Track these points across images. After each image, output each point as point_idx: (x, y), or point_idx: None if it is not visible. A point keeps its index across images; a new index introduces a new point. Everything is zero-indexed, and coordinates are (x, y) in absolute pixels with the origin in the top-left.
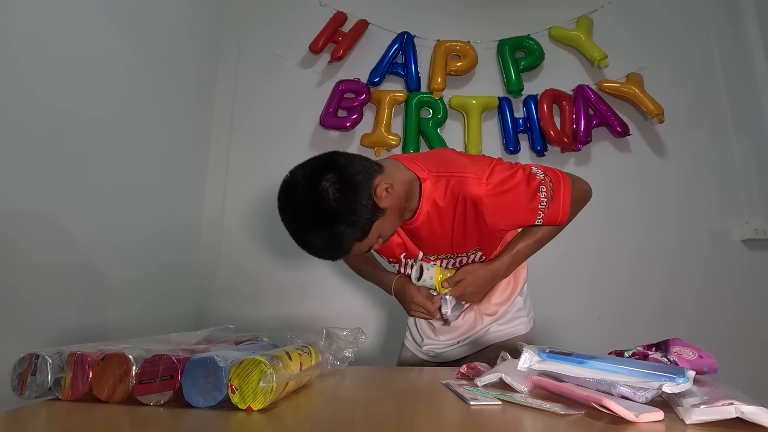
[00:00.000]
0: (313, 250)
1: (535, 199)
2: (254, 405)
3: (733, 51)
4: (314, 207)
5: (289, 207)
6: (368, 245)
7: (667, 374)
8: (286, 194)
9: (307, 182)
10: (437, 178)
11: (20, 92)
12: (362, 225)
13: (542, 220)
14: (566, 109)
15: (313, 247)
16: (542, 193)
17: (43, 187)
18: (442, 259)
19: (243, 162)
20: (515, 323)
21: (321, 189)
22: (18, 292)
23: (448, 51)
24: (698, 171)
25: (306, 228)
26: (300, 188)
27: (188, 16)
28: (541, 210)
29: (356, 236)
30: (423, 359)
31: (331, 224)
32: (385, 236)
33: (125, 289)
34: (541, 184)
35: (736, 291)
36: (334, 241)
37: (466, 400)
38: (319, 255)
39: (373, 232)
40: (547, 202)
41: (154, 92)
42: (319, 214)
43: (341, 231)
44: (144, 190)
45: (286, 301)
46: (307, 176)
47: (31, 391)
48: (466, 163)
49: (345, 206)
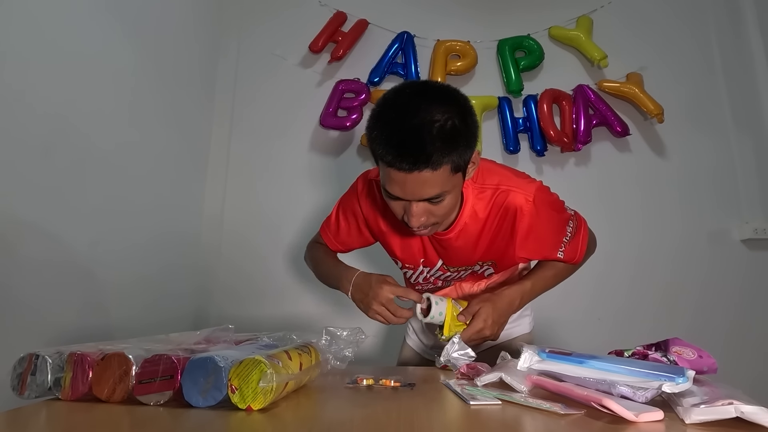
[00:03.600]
0: (420, 133)
1: (562, 232)
2: (254, 405)
3: (733, 50)
4: (448, 101)
5: (412, 96)
6: (440, 190)
7: (667, 374)
8: (409, 92)
9: (442, 93)
10: (481, 189)
11: (19, 93)
12: (467, 155)
13: (563, 254)
14: (566, 108)
15: (425, 129)
16: (569, 227)
17: (43, 188)
18: (460, 271)
19: (243, 163)
20: (520, 321)
21: (452, 109)
22: (18, 292)
23: (448, 51)
24: (698, 171)
25: (437, 100)
26: (434, 92)
27: (188, 16)
28: (563, 244)
29: (460, 155)
30: (425, 359)
31: (464, 115)
32: (438, 211)
33: (125, 290)
34: (570, 219)
35: (736, 291)
36: (452, 133)
37: (466, 400)
38: (419, 144)
39: (454, 180)
40: (569, 238)
41: (154, 93)
42: (455, 101)
43: (461, 131)
44: (144, 192)
45: (285, 301)
46: (444, 89)
47: (31, 391)
48: (511, 176)
49: (468, 133)
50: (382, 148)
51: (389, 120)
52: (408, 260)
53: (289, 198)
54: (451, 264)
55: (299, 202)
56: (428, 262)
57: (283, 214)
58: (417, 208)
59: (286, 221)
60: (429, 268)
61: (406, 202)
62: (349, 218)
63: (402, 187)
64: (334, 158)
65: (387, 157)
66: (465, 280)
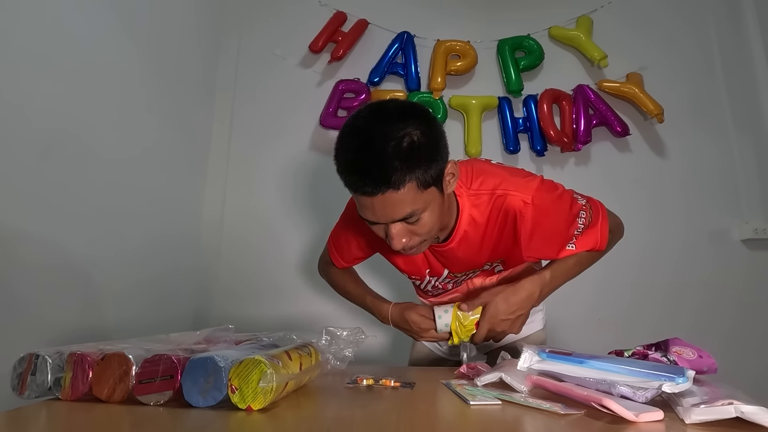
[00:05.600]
0: (377, 155)
1: (573, 225)
2: (254, 405)
3: (733, 50)
4: (403, 120)
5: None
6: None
7: (667, 374)
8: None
9: (398, 113)
10: (477, 194)
11: (19, 94)
12: (435, 169)
13: (575, 246)
14: (566, 108)
15: (381, 150)
16: (581, 219)
17: (43, 189)
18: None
19: (243, 163)
20: (533, 318)
21: (409, 126)
22: (18, 292)
23: (448, 51)
24: (698, 171)
25: (393, 119)
26: (389, 113)
27: (188, 16)
28: (575, 236)
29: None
30: (440, 356)
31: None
32: (419, 230)
33: (125, 291)
34: (582, 210)
35: (736, 291)
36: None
37: (466, 400)
38: (378, 166)
39: (426, 196)
40: (583, 229)
41: (154, 93)
42: (408, 122)
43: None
44: (144, 192)
45: (285, 301)
46: (400, 108)
47: (31, 391)
48: (508, 177)
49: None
50: (345, 176)
51: (347, 146)
52: (414, 273)
53: (289, 198)
54: (457, 271)
55: (299, 202)
56: (434, 272)
57: (284, 215)
58: (394, 229)
59: (287, 221)
60: (437, 278)
61: (384, 225)
62: (350, 237)
63: (372, 211)
64: None
65: (350, 184)
66: (476, 276)
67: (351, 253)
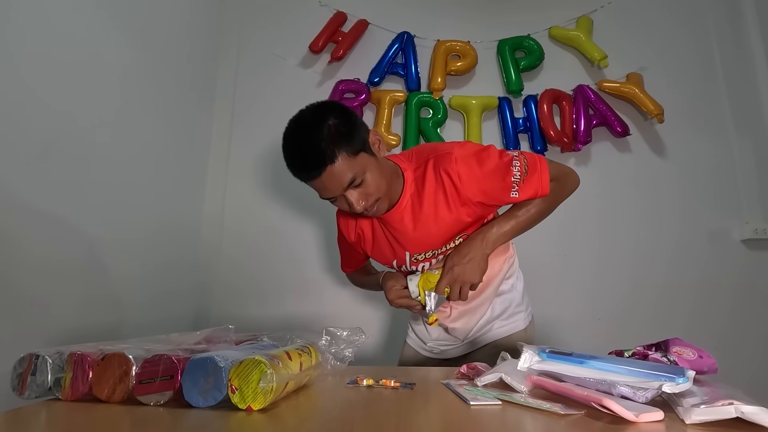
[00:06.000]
0: (307, 145)
1: (508, 173)
2: (254, 405)
3: (733, 51)
4: (318, 115)
5: (292, 126)
6: (351, 174)
7: (667, 374)
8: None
9: (313, 112)
10: (417, 165)
11: (20, 91)
12: (357, 139)
13: (518, 194)
14: (566, 109)
15: (309, 141)
16: (515, 168)
17: (42, 187)
18: (429, 259)
19: (243, 161)
20: (515, 318)
21: (324, 116)
22: (18, 291)
23: (448, 51)
24: (698, 171)
25: (307, 118)
26: (306, 115)
27: (188, 16)
28: (515, 183)
29: (348, 142)
30: (426, 357)
31: (334, 113)
32: (369, 190)
33: (125, 288)
34: (515, 160)
35: (736, 291)
36: (330, 131)
37: (466, 400)
38: (311, 152)
39: (360, 161)
40: (521, 177)
41: (154, 92)
42: (322, 114)
43: (337, 126)
44: (144, 190)
45: (286, 300)
46: (313, 108)
47: (31, 391)
48: (438, 146)
49: (347, 124)
50: (296, 174)
51: (288, 153)
52: (383, 260)
53: (289, 198)
54: (418, 250)
55: (299, 202)
56: (400, 260)
57: (284, 215)
58: (350, 196)
59: (287, 222)
60: (403, 266)
61: (341, 198)
62: (344, 247)
63: (325, 189)
64: None
65: (299, 175)
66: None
67: (352, 258)
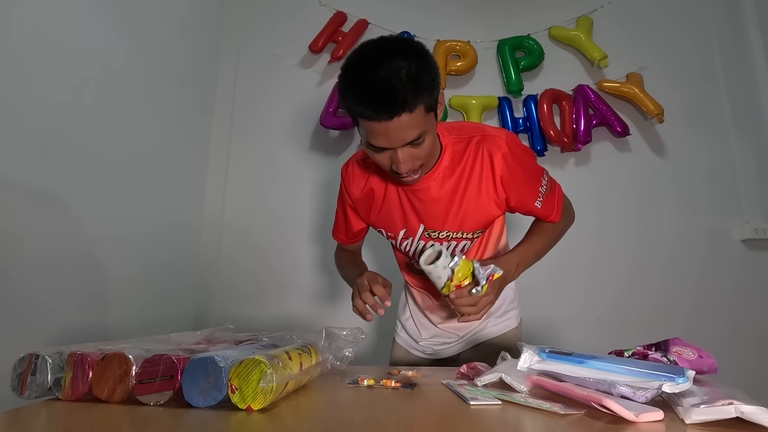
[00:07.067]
0: (392, 82)
1: (537, 180)
2: (254, 405)
3: (733, 51)
4: (408, 54)
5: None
6: (419, 131)
7: (667, 374)
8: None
9: (402, 48)
10: (458, 139)
11: (21, 91)
12: (434, 96)
13: (541, 204)
14: (566, 109)
15: (397, 77)
16: (544, 180)
17: (42, 187)
18: (441, 240)
19: (243, 161)
20: (508, 316)
21: (411, 56)
22: (18, 291)
23: (448, 51)
24: (698, 171)
25: (396, 51)
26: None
27: (188, 16)
28: (541, 194)
29: (429, 95)
30: (417, 357)
31: (424, 58)
32: (421, 153)
33: (125, 288)
34: (544, 173)
35: (736, 291)
36: (418, 75)
37: (466, 400)
38: (392, 91)
39: (429, 120)
40: (545, 191)
41: (155, 92)
42: (412, 48)
43: (426, 75)
44: (144, 190)
45: (286, 300)
46: (402, 44)
47: (31, 391)
48: (485, 127)
49: (435, 77)
50: (359, 105)
51: (358, 78)
52: (389, 228)
53: (289, 198)
54: (432, 226)
55: (299, 202)
56: (410, 230)
57: (284, 215)
58: (402, 154)
59: (287, 222)
60: (411, 238)
61: (391, 152)
62: (346, 209)
63: (386, 137)
64: (335, 158)
65: (366, 112)
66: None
67: (349, 226)
